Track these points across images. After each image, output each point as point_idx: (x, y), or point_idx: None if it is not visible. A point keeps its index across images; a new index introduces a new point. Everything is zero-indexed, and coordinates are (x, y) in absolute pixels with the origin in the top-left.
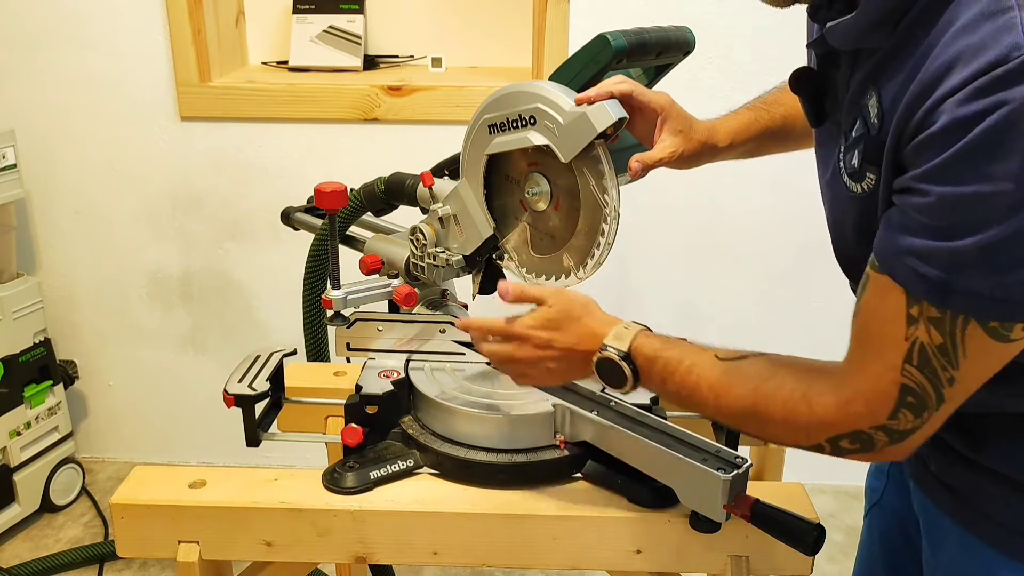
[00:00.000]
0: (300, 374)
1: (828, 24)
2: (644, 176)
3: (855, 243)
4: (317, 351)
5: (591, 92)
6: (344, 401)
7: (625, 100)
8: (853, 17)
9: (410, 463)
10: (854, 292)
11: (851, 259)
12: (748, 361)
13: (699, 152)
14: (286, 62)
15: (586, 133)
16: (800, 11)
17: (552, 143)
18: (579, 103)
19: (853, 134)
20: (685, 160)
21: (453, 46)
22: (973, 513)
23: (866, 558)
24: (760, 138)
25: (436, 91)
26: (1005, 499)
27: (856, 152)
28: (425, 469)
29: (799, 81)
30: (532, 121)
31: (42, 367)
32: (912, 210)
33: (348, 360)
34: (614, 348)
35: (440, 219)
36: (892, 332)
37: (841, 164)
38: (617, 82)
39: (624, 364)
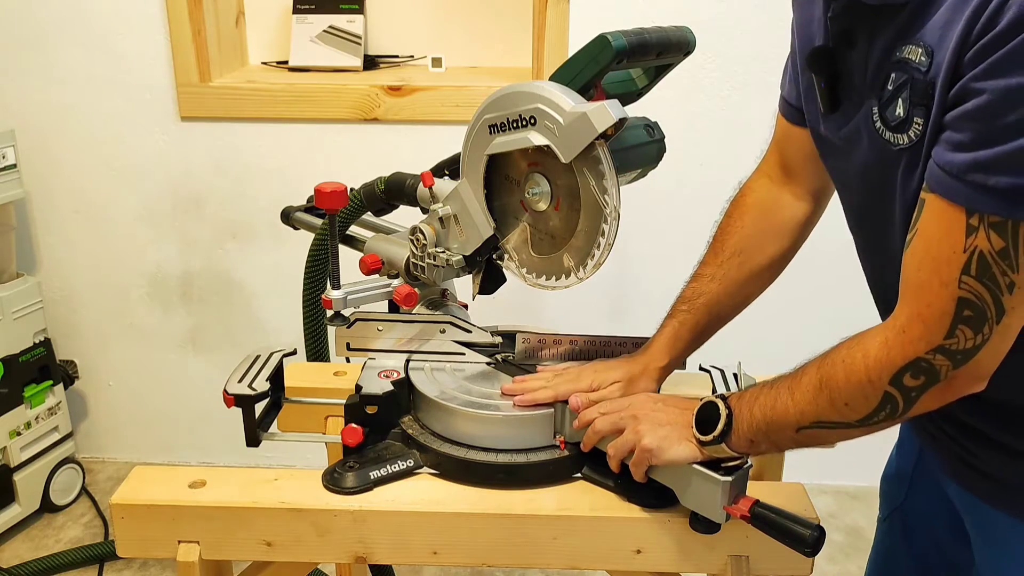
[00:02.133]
0: (300, 374)
1: None
2: None
3: (900, 199)
4: (317, 351)
5: None
6: (344, 401)
7: None
8: None
9: (410, 463)
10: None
11: (892, 225)
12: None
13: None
14: (286, 62)
15: (586, 133)
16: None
17: (552, 143)
18: None
19: (889, 88)
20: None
21: (453, 46)
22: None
23: (885, 558)
24: (696, 340)
25: (436, 91)
26: None
27: (899, 101)
28: (425, 469)
29: (817, 61)
30: (532, 121)
31: (42, 367)
32: (970, 121)
33: (348, 360)
34: (713, 395)
35: (440, 219)
36: (949, 246)
37: (879, 123)
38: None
39: (720, 402)
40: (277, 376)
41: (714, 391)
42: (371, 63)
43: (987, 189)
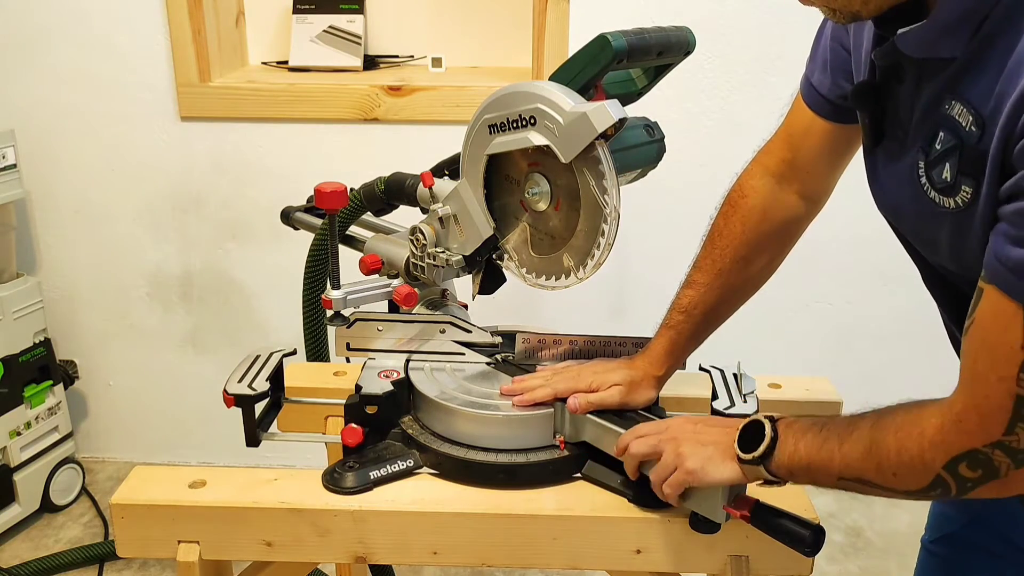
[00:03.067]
0: (300, 374)
1: (900, 31)
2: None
3: (950, 258)
4: (317, 351)
5: None
6: (344, 401)
7: None
8: (926, 23)
9: (410, 463)
10: (944, 312)
11: (947, 273)
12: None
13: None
14: (286, 62)
15: (586, 133)
16: (803, 13)
17: (552, 143)
18: None
19: (938, 147)
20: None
21: (453, 46)
22: None
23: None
24: (693, 346)
25: (436, 91)
26: None
27: (947, 165)
28: (425, 469)
29: (862, 97)
30: (532, 121)
31: (42, 367)
32: (1021, 217)
33: (348, 360)
34: (762, 415)
35: (440, 219)
36: (1007, 342)
37: (924, 180)
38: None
39: (767, 423)
40: (277, 376)
41: (714, 391)
42: (371, 63)
43: None
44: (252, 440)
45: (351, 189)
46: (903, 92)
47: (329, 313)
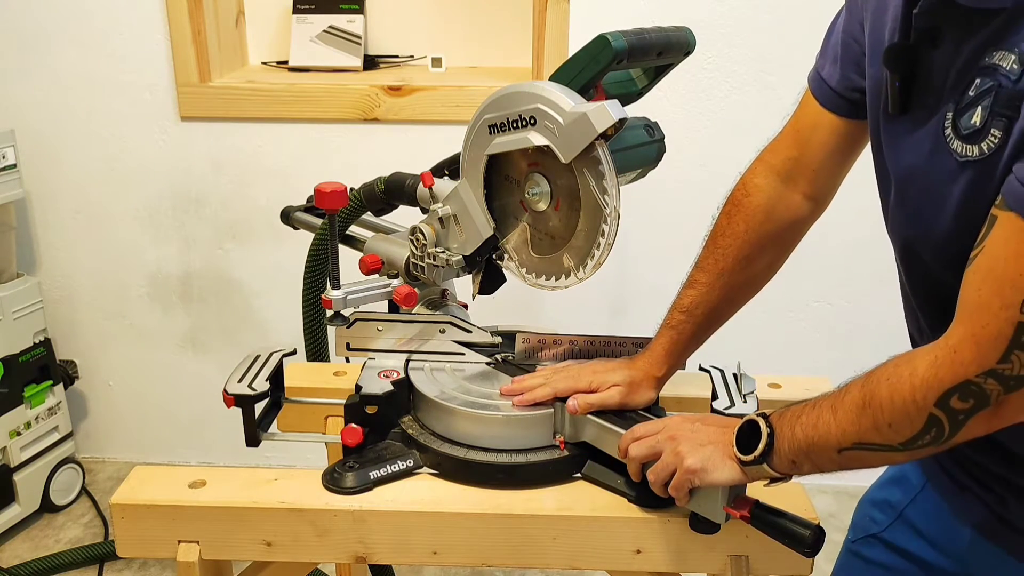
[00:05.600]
0: (300, 374)
1: None
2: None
3: (956, 217)
4: (317, 351)
5: None
6: (344, 401)
7: None
8: None
9: (410, 463)
10: (924, 319)
11: (949, 239)
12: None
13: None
14: (286, 62)
15: (586, 134)
16: (803, 13)
17: (552, 143)
18: None
19: (971, 93)
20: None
21: (453, 46)
22: None
23: None
24: (694, 347)
25: (436, 91)
26: None
27: (979, 109)
28: (425, 469)
29: (895, 58)
30: (532, 121)
31: (42, 367)
32: None
33: (348, 360)
34: (755, 413)
35: (440, 219)
36: (1016, 268)
37: (949, 131)
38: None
39: (761, 420)
40: (277, 376)
41: (714, 391)
42: (371, 63)
43: None
44: (252, 440)
45: (351, 189)
46: (938, 57)
47: (329, 313)
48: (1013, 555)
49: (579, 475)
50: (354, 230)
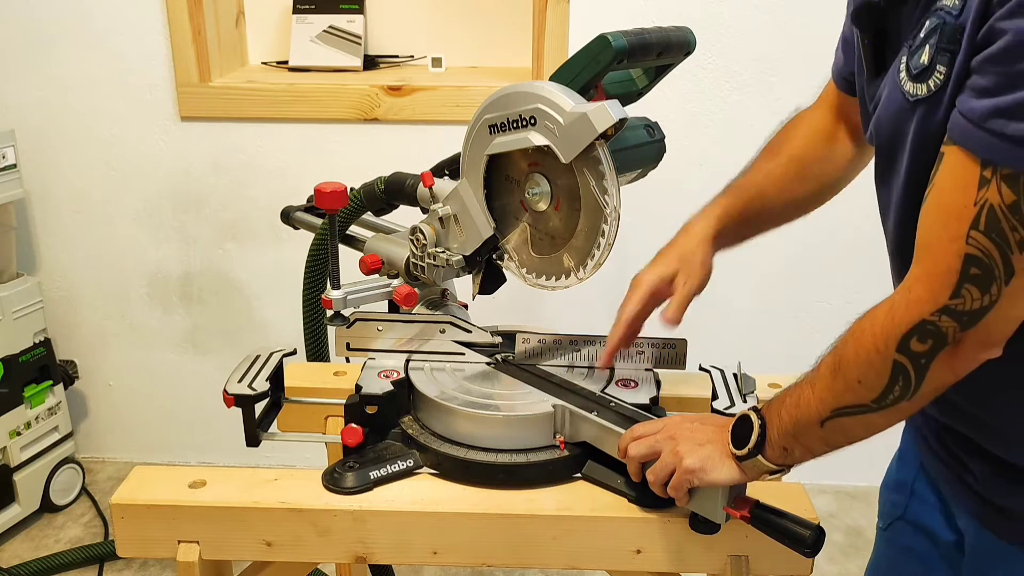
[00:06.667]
0: (300, 374)
1: None
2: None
3: (911, 160)
4: (317, 351)
5: None
6: (344, 401)
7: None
8: None
9: (410, 463)
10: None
11: (908, 186)
12: None
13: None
14: (286, 62)
15: (587, 134)
16: (803, 13)
17: (552, 143)
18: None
19: (921, 35)
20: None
21: (453, 46)
22: None
23: (885, 570)
24: (741, 226)
25: (436, 91)
26: None
27: (926, 48)
28: (425, 469)
29: (862, 16)
30: (532, 121)
31: (42, 367)
32: (993, 64)
33: (348, 360)
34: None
35: (440, 219)
36: (961, 200)
37: (902, 73)
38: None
39: (753, 414)
40: (277, 376)
41: (714, 391)
42: (371, 63)
43: (1004, 138)
44: (252, 440)
45: (351, 189)
46: (906, 11)
47: (329, 313)
48: (987, 527)
49: (579, 475)
50: (354, 230)
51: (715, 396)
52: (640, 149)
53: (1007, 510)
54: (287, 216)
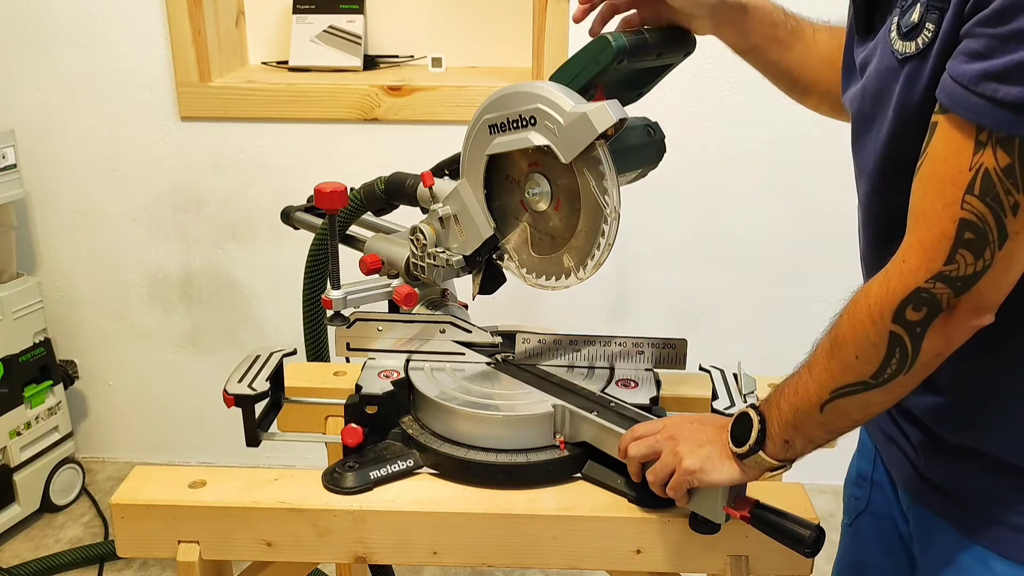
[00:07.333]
0: (300, 374)
1: None
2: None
3: (893, 120)
4: (317, 351)
5: None
6: (344, 401)
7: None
8: None
9: (410, 463)
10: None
11: (889, 146)
12: None
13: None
14: (286, 62)
15: (587, 134)
16: (801, 11)
17: (552, 143)
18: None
19: None
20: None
21: (453, 46)
22: (966, 513)
23: (852, 566)
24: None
25: (436, 91)
26: (998, 492)
27: (917, 6)
28: (425, 469)
29: None
30: (532, 121)
31: (42, 367)
32: (984, 27)
33: (348, 360)
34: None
35: (440, 219)
36: (956, 166)
37: (892, 32)
38: None
39: (752, 411)
40: (277, 376)
41: (714, 391)
42: (371, 63)
43: (996, 102)
44: (252, 440)
45: (351, 189)
46: None
47: (329, 313)
48: (933, 511)
49: (579, 475)
50: (354, 230)
51: (715, 396)
52: (640, 149)
53: (941, 486)
54: (287, 216)
